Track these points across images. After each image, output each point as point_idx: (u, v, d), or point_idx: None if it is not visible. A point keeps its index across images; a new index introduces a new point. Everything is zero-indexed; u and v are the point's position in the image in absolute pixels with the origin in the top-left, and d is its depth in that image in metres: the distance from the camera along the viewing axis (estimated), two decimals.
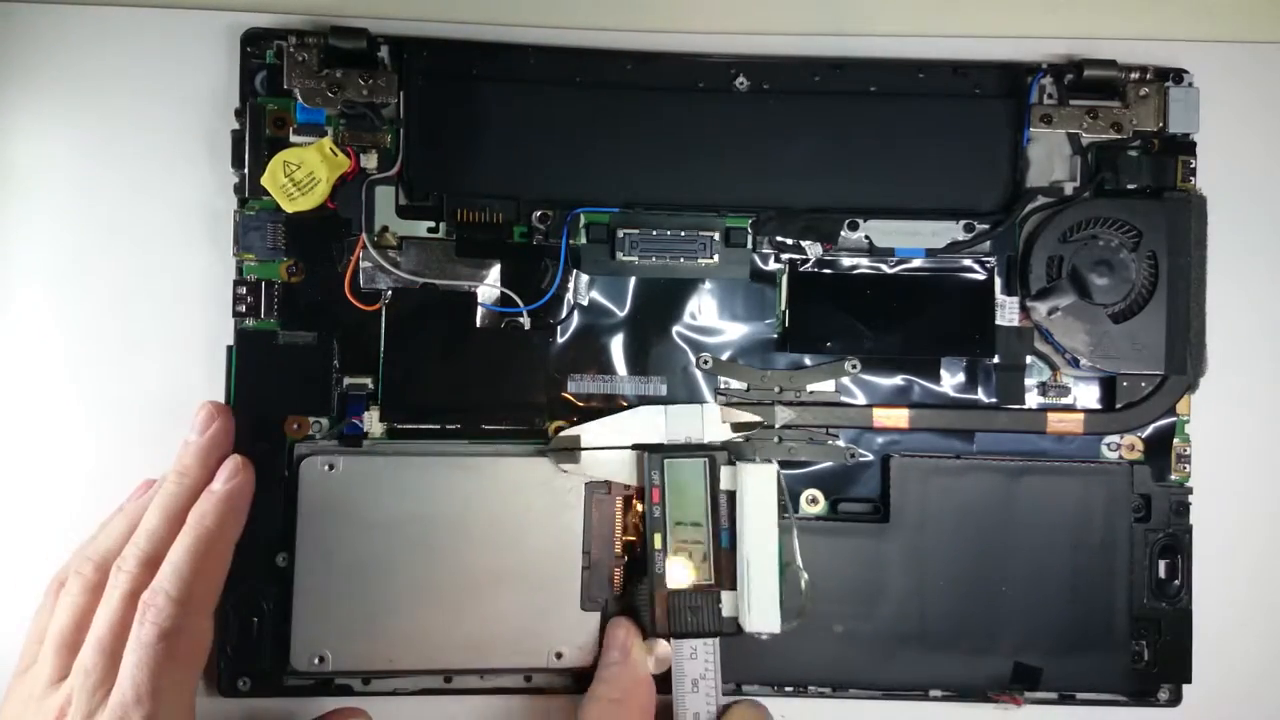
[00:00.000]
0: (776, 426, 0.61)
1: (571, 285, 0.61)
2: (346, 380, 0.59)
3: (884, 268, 0.62)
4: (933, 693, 0.61)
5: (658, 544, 0.57)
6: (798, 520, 0.60)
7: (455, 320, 0.60)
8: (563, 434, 0.59)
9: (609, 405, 0.60)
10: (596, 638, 0.59)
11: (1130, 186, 0.61)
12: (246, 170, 0.59)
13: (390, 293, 0.59)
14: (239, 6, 0.61)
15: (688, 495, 0.57)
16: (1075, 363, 0.61)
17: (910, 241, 0.62)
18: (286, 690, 0.58)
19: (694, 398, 0.61)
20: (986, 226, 0.61)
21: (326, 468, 0.58)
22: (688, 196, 0.61)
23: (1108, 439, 0.62)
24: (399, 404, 0.59)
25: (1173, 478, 0.62)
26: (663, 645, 0.58)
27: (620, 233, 0.60)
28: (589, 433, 0.59)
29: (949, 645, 0.60)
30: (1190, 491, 0.61)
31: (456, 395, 0.59)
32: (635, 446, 0.58)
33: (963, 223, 0.62)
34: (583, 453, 0.58)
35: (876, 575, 0.60)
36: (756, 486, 0.57)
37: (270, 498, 0.58)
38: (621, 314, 0.61)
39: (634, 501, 0.60)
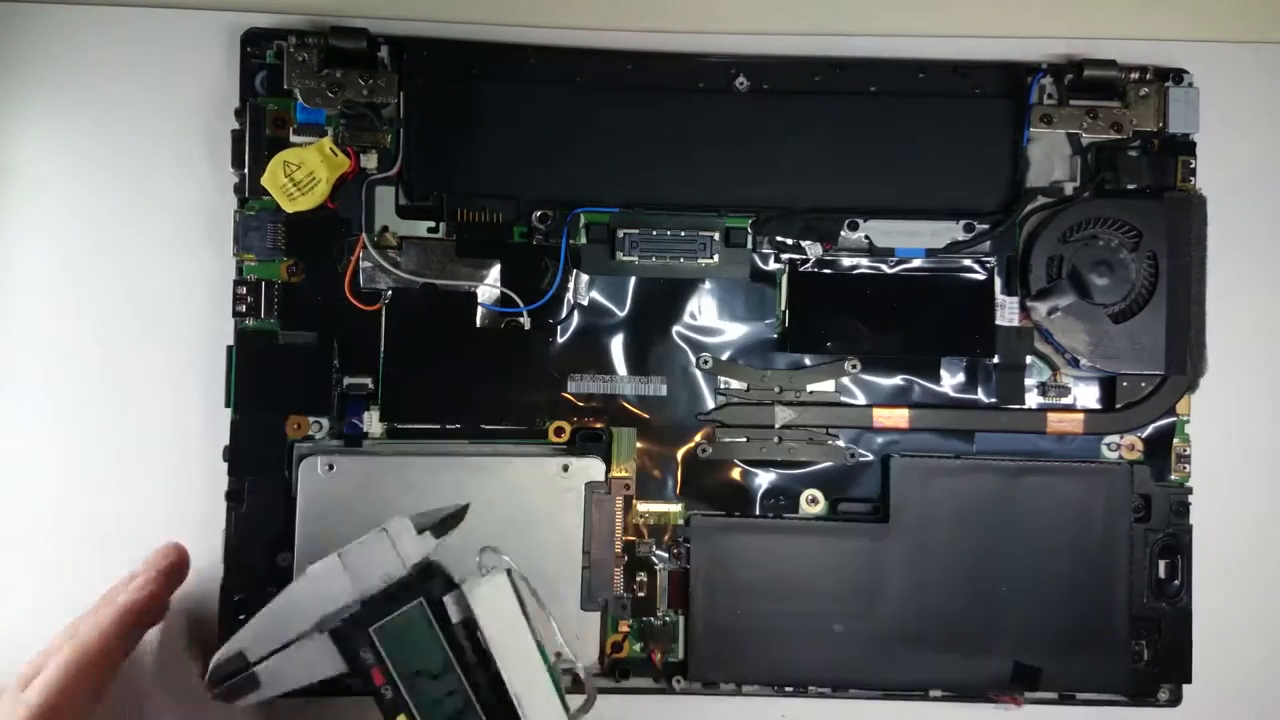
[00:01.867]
0: (776, 426, 0.61)
1: (571, 285, 0.61)
2: (346, 380, 0.59)
3: (884, 268, 0.62)
4: (933, 693, 0.61)
5: None
6: (797, 521, 0.61)
7: (455, 320, 0.60)
8: (219, 657, 0.47)
9: (609, 405, 0.60)
10: (597, 638, 0.59)
11: (1130, 186, 0.61)
12: (246, 170, 0.59)
13: (390, 293, 0.59)
14: (239, 6, 0.61)
15: (417, 653, 0.45)
16: (1075, 363, 0.61)
17: (910, 241, 0.62)
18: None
19: (694, 398, 0.61)
20: (986, 226, 0.61)
21: (326, 468, 0.58)
22: (688, 196, 0.61)
23: (1108, 439, 0.62)
24: (399, 404, 0.59)
25: (1173, 478, 0.62)
26: None
27: (620, 233, 0.60)
28: (253, 639, 0.46)
29: (949, 645, 0.60)
30: (1190, 491, 0.61)
31: (456, 395, 0.59)
32: (326, 629, 0.46)
33: (963, 223, 0.62)
34: (260, 670, 0.46)
35: (876, 575, 0.60)
36: (494, 605, 0.46)
37: (270, 498, 0.58)
38: (621, 314, 0.61)
39: (634, 502, 0.60)
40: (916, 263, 0.62)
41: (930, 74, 0.61)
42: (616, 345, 0.61)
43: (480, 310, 0.60)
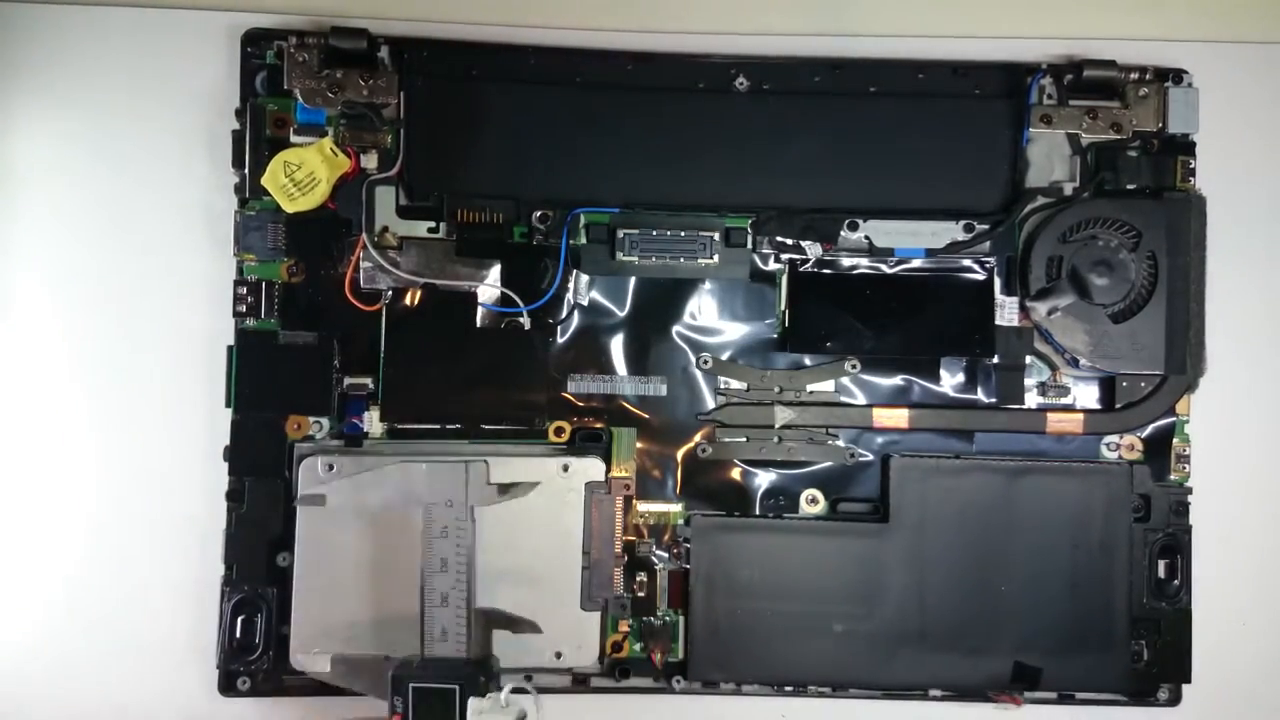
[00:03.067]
0: (776, 426, 0.61)
1: (571, 285, 0.61)
2: (346, 380, 0.59)
3: (884, 268, 0.62)
4: (933, 693, 0.61)
5: None
6: (797, 521, 0.61)
7: (455, 320, 0.60)
8: (304, 494, 0.57)
9: (609, 405, 0.60)
10: (597, 638, 0.59)
11: (1130, 186, 0.61)
12: (247, 170, 0.59)
13: (390, 293, 0.59)
14: (239, 6, 0.61)
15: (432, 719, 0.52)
16: (1075, 363, 0.61)
17: (910, 241, 0.62)
18: (286, 690, 0.58)
19: (694, 398, 0.61)
20: (986, 226, 0.61)
21: (326, 468, 0.58)
22: (688, 196, 0.61)
23: (1107, 439, 0.62)
24: (399, 404, 0.59)
25: (1172, 478, 0.62)
26: None
27: (620, 233, 0.60)
28: (336, 492, 0.56)
29: (949, 645, 0.60)
30: (1190, 491, 0.61)
31: (456, 395, 0.59)
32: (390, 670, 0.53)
33: (963, 223, 0.62)
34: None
35: (876, 575, 0.60)
36: None
37: (270, 498, 0.58)
38: (621, 314, 0.61)
39: (634, 502, 0.60)
40: (916, 263, 0.62)
41: (930, 74, 0.61)
42: (616, 345, 0.61)
43: (480, 310, 0.60)
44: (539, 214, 0.60)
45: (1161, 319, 0.61)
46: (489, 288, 0.60)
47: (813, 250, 0.62)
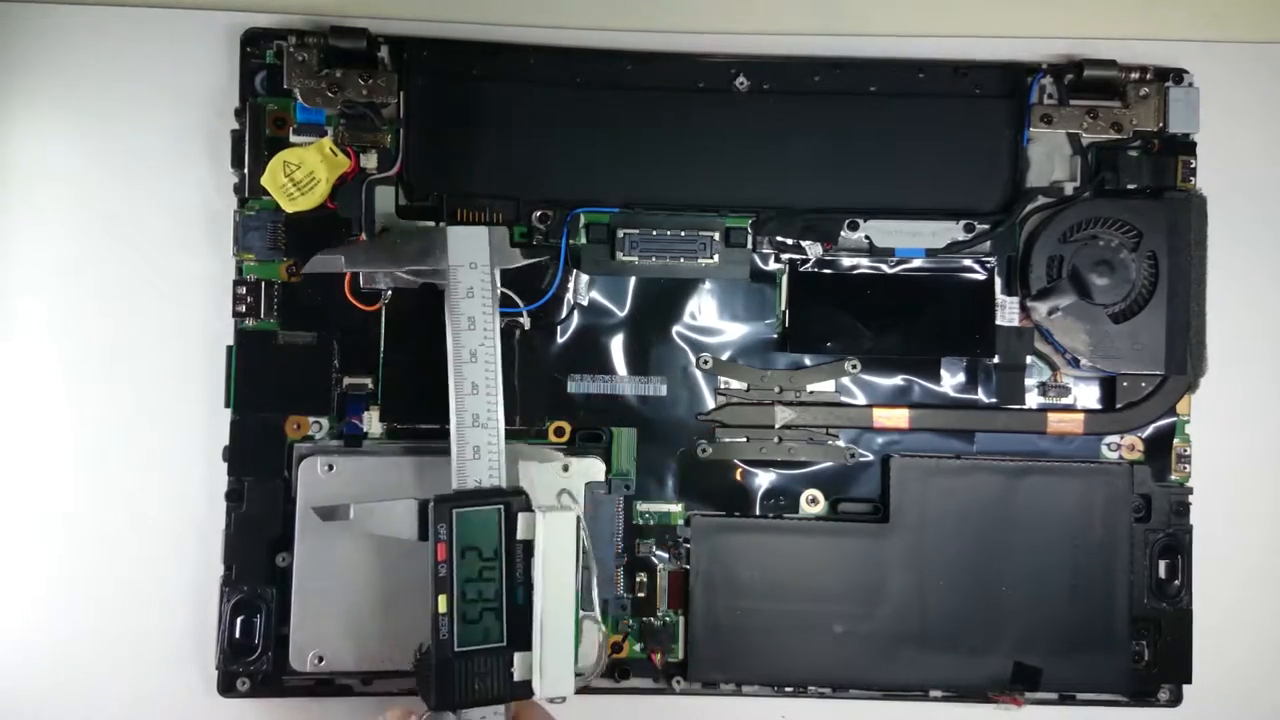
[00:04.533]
0: (776, 426, 0.61)
1: (571, 285, 0.61)
2: (346, 380, 0.59)
3: (884, 268, 0.62)
4: (933, 693, 0.61)
5: (442, 606, 0.51)
6: (797, 521, 0.61)
7: None
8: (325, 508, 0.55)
9: (609, 405, 0.60)
10: (596, 638, 0.59)
11: (1130, 186, 0.61)
12: (246, 170, 0.59)
13: (390, 293, 0.59)
14: (239, 6, 0.61)
15: (479, 548, 0.51)
16: (1075, 363, 0.61)
17: (910, 241, 0.62)
18: (286, 690, 0.58)
19: (694, 398, 0.61)
20: (986, 226, 0.61)
21: (326, 468, 0.57)
22: (688, 196, 0.61)
23: (1108, 439, 0.62)
24: (399, 404, 0.59)
25: (1173, 478, 0.62)
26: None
27: (620, 233, 0.60)
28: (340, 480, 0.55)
29: (949, 645, 0.60)
30: (1190, 491, 0.61)
31: None
32: (422, 500, 0.52)
33: (963, 223, 0.62)
34: (354, 506, 0.53)
35: (876, 575, 0.60)
36: (557, 536, 0.51)
37: (270, 498, 0.58)
38: (621, 314, 0.61)
39: (634, 502, 0.60)
40: (916, 263, 0.62)
41: (930, 74, 0.61)
42: (616, 345, 0.61)
43: None
44: (539, 214, 0.60)
45: (1162, 319, 0.61)
46: None
47: (813, 250, 0.62)
